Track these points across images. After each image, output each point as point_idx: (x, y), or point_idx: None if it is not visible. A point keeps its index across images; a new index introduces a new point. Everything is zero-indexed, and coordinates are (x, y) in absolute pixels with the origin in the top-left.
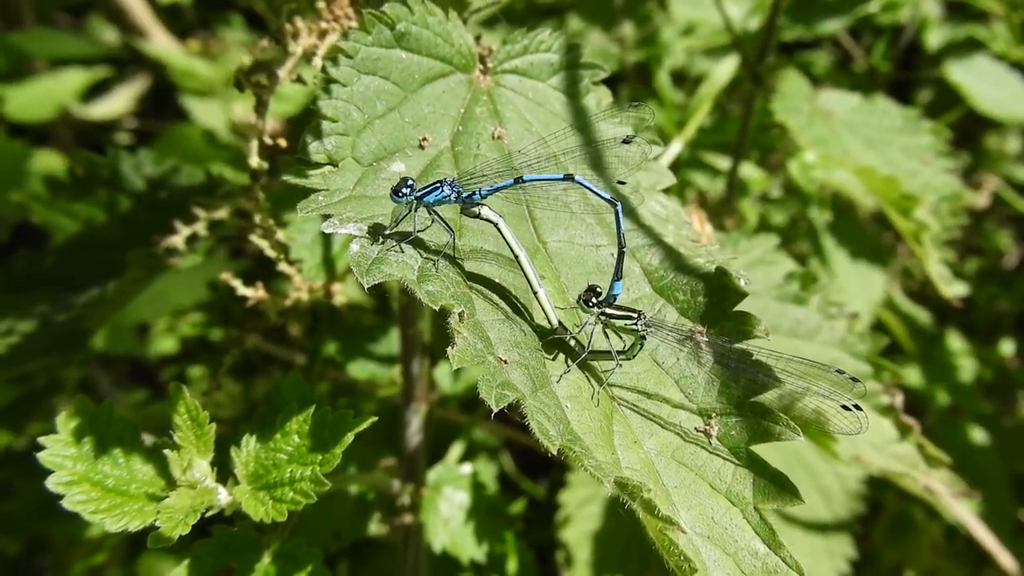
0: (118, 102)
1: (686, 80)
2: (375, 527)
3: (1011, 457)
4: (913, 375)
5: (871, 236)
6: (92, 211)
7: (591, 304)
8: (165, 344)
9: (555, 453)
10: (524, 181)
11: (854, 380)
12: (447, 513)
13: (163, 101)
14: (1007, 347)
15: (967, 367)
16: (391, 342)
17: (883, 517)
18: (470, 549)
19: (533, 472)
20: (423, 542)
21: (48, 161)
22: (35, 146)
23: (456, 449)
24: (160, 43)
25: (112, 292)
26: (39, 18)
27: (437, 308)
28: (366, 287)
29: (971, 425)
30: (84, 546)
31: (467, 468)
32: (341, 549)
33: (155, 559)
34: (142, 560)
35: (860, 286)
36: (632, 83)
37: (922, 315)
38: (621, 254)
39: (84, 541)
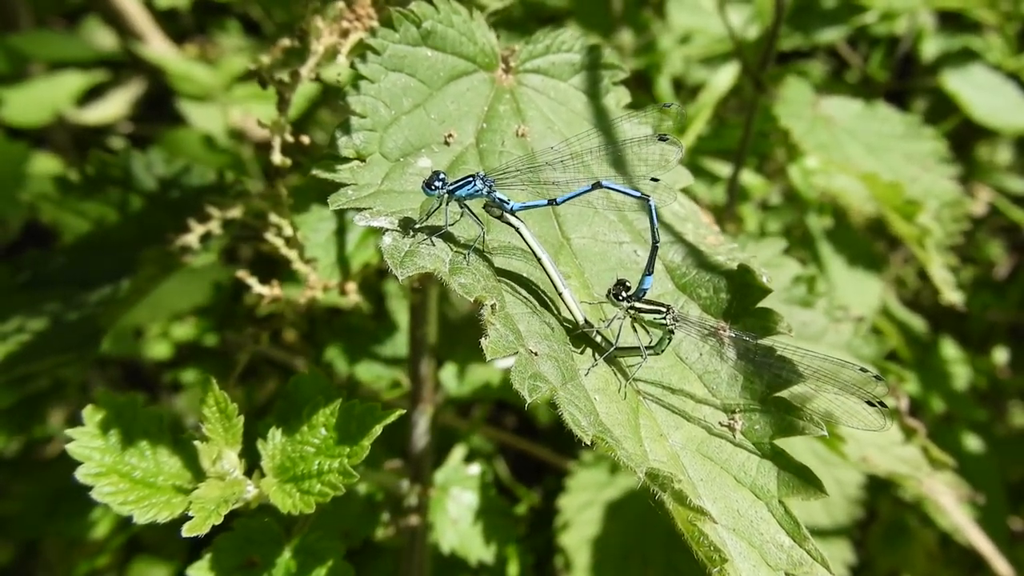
0: (114, 106)
1: (683, 88)
2: (380, 530)
3: (1005, 465)
4: (908, 383)
5: (866, 244)
6: (103, 210)
7: (621, 298)
8: (159, 349)
9: (588, 443)
10: (558, 203)
11: (877, 378)
12: (455, 514)
13: (160, 106)
14: (1000, 356)
15: (961, 375)
16: (396, 344)
17: (877, 524)
18: (478, 550)
19: (527, 479)
20: (428, 544)
21: (45, 165)
22: (32, 150)
23: (459, 451)
24: (157, 48)
25: (126, 290)
26: (36, 21)
27: (472, 300)
28: (400, 279)
29: (966, 432)
30: (87, 548)
31: (475, 469)
32: (350, 550)
33: (146, 564)
34: (133, 566)
35: (857, 293)
36: (631, 90)
37: (917, 323)
38: (655, 248)
39: (87, 543)
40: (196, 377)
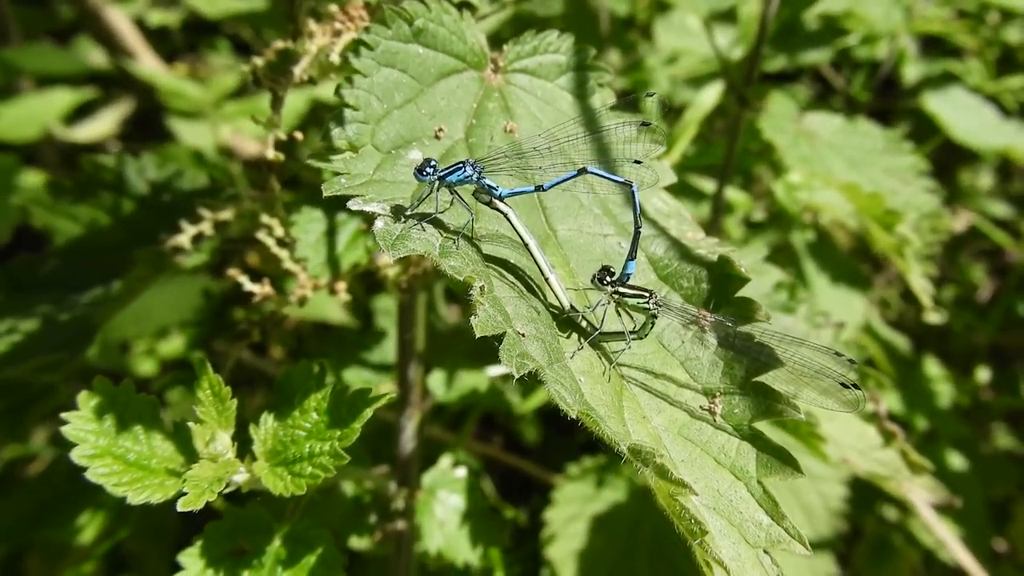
0: (104, 124)
1: (670, 109)
2: (367, 541)
3: (988, 483)
4: (892, 401)
5: (850, 262)
6: (95, 214)
7: (605, 282)
8: (145, 365)
9: (573, 418)
10: (545, 189)
11: (851, 361)
12: (442, 516)
13: (149, 124)
14: (982, 375)
15: (944, 392)
16: (384, 351)
17: (863, 541)
18: (465, 552)
19: (514, 498)
20: (415, 551)
21: (33, 180)
22: (20, 166)
23: (446, 460)
24: (148, 65)
25: (119, 290)
26: (26, 40)
27: (461, 279)
28: (391, 260)
29: (949, 450)
30: (73, 555)
31: (461, 471)
32: None
33: None
34: None
35: (841, 309)
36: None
37: (900, 342)
38: (637, 233)
39: (72, 550)
40: (181, 395)
